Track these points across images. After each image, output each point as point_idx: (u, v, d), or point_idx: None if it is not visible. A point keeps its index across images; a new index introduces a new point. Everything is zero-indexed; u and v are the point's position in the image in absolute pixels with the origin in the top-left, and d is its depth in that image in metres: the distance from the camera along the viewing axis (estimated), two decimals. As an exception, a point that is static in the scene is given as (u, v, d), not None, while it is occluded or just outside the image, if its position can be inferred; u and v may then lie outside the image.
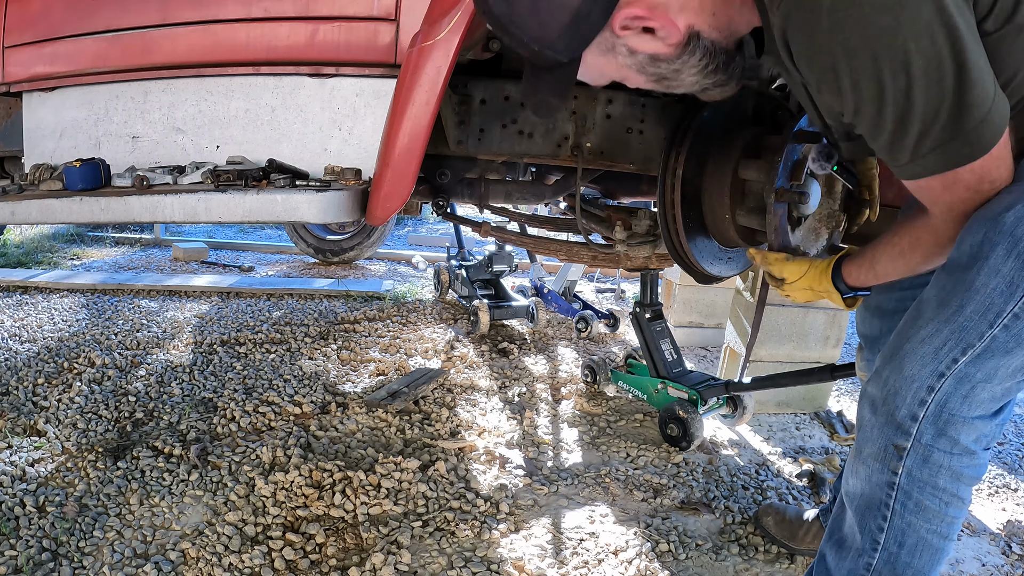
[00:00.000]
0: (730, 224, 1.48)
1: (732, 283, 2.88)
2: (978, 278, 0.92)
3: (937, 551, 1.05)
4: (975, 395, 0.96)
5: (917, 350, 0.98)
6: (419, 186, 2.16)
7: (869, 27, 0.80)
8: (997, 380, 0.96)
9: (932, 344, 0.97)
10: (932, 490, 1.01)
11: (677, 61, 0.98)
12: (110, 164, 1.63)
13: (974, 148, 0.87)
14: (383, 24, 1.48)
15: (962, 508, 1.03)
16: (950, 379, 0.96)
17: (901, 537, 1.04)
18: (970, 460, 1.00)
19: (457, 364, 2.91)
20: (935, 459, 0.99)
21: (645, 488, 1.95)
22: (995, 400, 0.98)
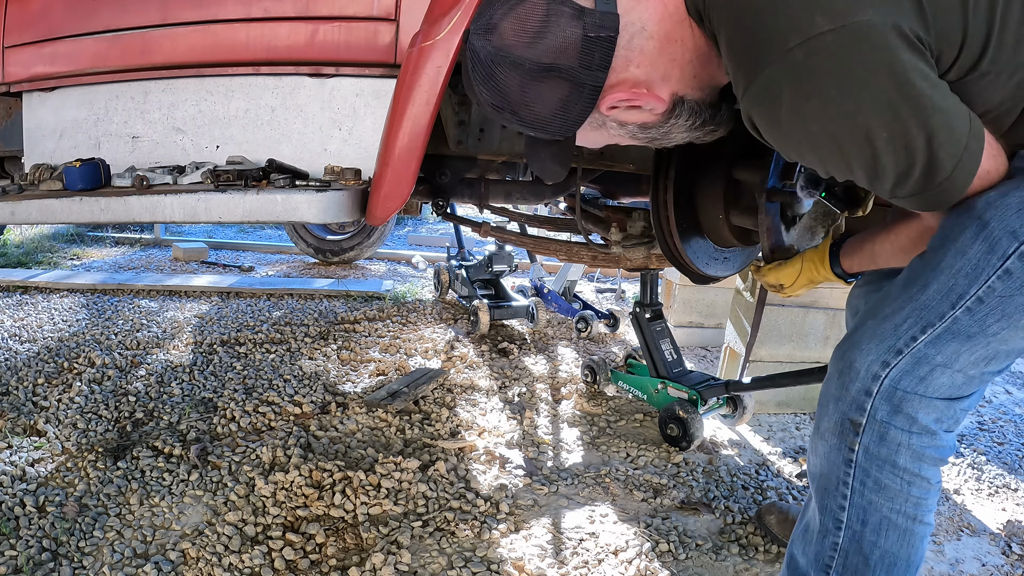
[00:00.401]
0: (724, 224, 1.48)
1: (732, 283, 2.88)
2: (944, 259, 0.92)
3: (906, 532, 1.01)
4: (933, 378, 0.95)
5: (878, 327, 0.98)
6: (419, 186, 2.16)
7: (827, 114, 0.83)
8: (958, 367, 0.94)
9: (892, 321, 0.96)
10: (891, 468, 0.99)
11: (666, 125, 1.02)
12: (110, 164, 1.63)
13: (950, 194, 0.89)
14: (383, 24, 1.48)
15: (928, 489, 1.01)
16: (907, 357, 0.95)
17: (863, 515, 1.02)
18: (931, 440, 0.98)
19: (457, 364, 2.91)
20: (892, 436, 0.98)
21: (645, 488, 1.95)
22: (955, 388, 0.96)
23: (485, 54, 0.95)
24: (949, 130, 0.84)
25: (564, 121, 0.97)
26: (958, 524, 1.88)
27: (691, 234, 1.58)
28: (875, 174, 0.88)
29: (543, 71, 0.92)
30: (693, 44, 0.96)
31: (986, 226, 0.88)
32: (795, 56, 0.82)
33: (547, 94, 0.94)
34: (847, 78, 0.81)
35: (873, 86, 0.81)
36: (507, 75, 0.94)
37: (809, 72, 0.82)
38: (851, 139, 0.85)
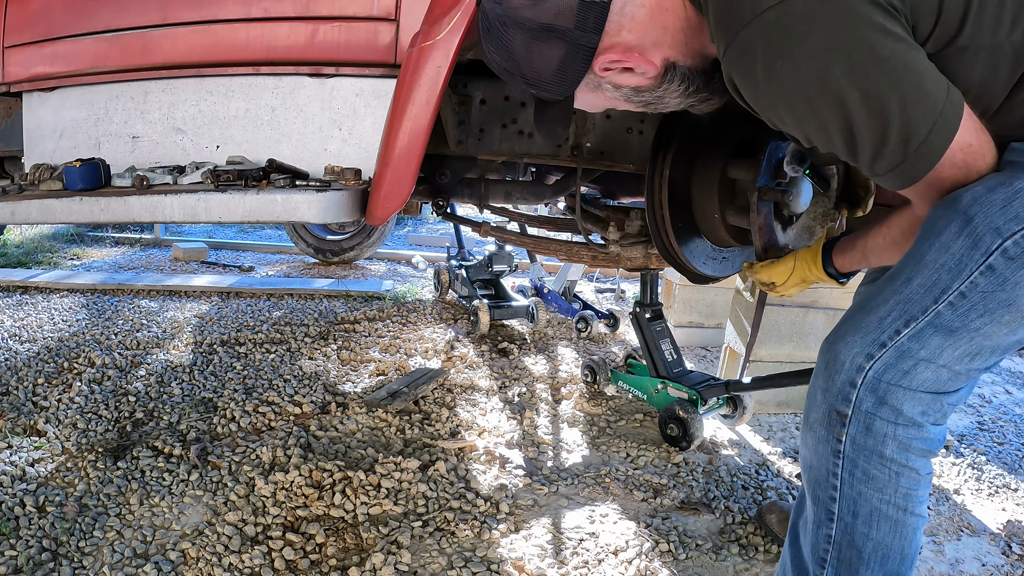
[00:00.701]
0: (720, 224, 1.48)
1: (732, 283, 2.89)
2: (929, 253, 0.92)
3: (898, 524, 1.02)
4: (917, 372, 0.95)
5: (863, 319, 0.99)
6: (419, 186, 2.16)
7: (800, 73, 0.85)
8: (942, 362, 0.94)
9: (877, 314, 0.97)
10: (879, 459, 0.99)
11: (659, 90, 1.06)
12: (110, 164, 1.63)
13: (928, 160, 0.88)
14: (383, 24, 1.48)
15: (918, 480, 1.01)
16: (891, 350, 0.95)
17: (854, 507, 1.02)
18: (917, 432, 0.98)
19: (457, 364, 2.91)
20: (878, 428, 0.98)
21: (645, 488, 1.95)
22: (940, 382, 0.96)
23: (494, 16, 1.01)
24: (923, 91, 0.85)
25: (563, 80, 1.03)
26: (958, 524, 1.88)
27: (688, 233, 1.58)
28: (852, 140, 0.88)
29: (543, 31, 0.98)
30: (684, 14, 1.00)
31: (970, 221, 0.88)
32: (768, 17, 0.85)
33: (547, 53, 1.00)
34: (817, 38, 0.83)
35: (844, 46, 0.83)
36: (512, 35, 1.00)
37: (782, 31, 0.85)
38: (824, 100, 0.86)
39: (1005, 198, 0.87)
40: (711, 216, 1.49)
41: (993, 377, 3.51)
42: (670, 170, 1.50)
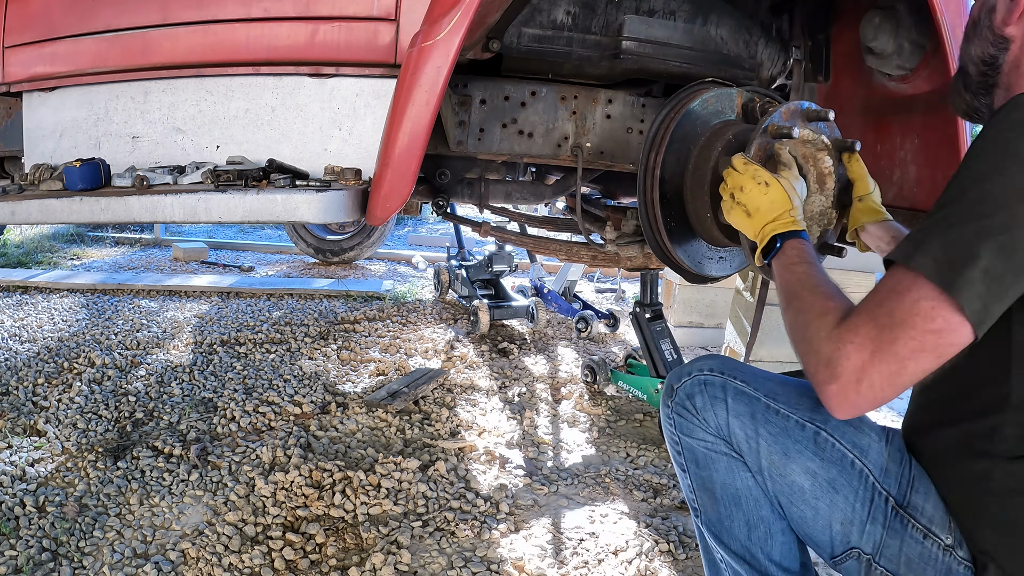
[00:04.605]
0: (712, 223, 1.47)
1: (732, 283, 2.89)
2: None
3: (731, 464, 1.08)
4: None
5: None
6: (419, 186, 2.16)
7: (1010, 175, 0.80)
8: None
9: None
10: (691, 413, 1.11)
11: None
12: (110, 164, 1.63)
13: (943, 275, 0.80)
14: (383, 24, 1.48)
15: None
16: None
17: (692, 455, 1.11)
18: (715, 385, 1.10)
19: (457, 364, 2.91)
20: (690, 388, 1.10)
21: (645, 488, 1.95)
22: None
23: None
24: (1014, 268, 0.80)
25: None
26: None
27: (682, 233, 1.58)
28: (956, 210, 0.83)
29: None
30: None
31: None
32: None
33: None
34: None
35: None
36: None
37: None
38: (994, 198, 0.80)
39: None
40: (704, 216, 1.49)
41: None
42: (661, 169, 1.50)
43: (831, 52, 1.80)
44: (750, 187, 1.20)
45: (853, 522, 0.96)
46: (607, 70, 1.73)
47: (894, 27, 1.53)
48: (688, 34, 1.66)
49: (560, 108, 1.74)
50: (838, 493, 0.97)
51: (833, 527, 0.98)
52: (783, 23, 1.82)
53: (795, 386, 1.05)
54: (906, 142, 1.65)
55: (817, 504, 0.99)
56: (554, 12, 1.58)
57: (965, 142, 1.53)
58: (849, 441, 0.97)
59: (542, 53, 1.61)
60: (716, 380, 1.07)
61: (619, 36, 1.60)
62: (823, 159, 1.36)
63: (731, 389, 1.05)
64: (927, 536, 0.93)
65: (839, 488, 0.97)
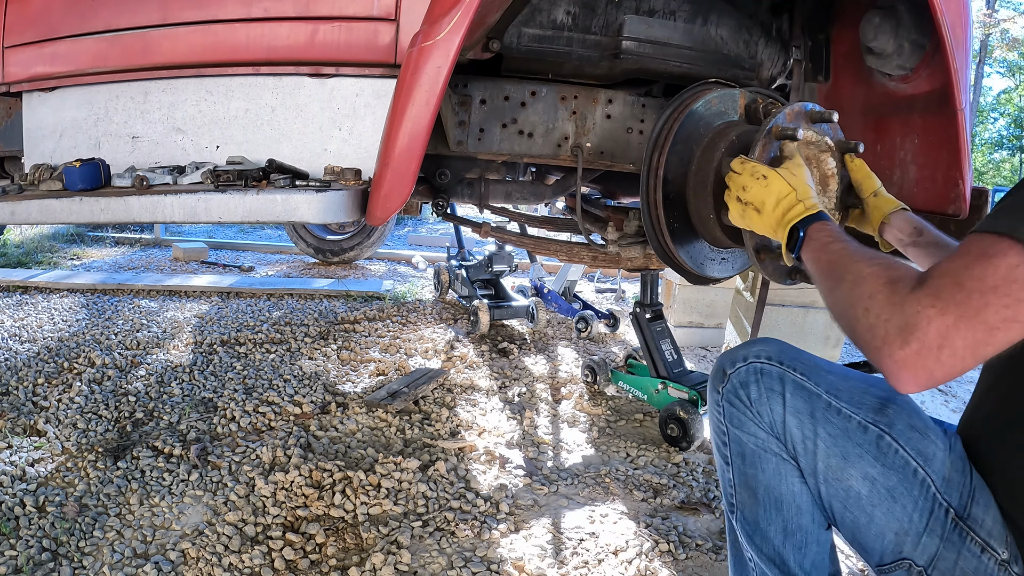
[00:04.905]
0: (715, 224, 1.47)
1: (732, 283, 2.89)
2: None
3: (779, 466, 1.05)
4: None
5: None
6: (419, 186, 2.16)
7: None
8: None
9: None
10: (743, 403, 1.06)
11: None
12: (110, 164, 1.63)
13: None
14: (383, 24, 1.48)
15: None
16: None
17: (740, 448, 1.06)
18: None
19: (457, 364, 2.91)
20: (744, 376, 1.05)
21: (645, 488, 1.95)
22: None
23: None
24: None
25: None
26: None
27: (685, 234, 1.58)
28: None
29: None
30: None
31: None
32: None
33: None
34: None
35: None
36: None
37: None
38: None
39: None
40: (706, 216, 1.49)
41: (993, 377, 3.50)
42: (664, 170, 1.50)
43: (831, 52, 1.80)
44: (750, 184, 1.19)
45: (909, 533, 0.92)
46: (607, 70, 1.73)
47: (894, 27, 1.52)
48: (688, 34, 1.66)
49: (560, 108, 1.74)
50: (896, 502, 0.93)
51: (886, 536, 0.94)
52: (783, 23, 1.82)
53: (858, 380, 0.99)
54: (906, 142, 1.65)
55: (873, 511, 0.94)
56: (554, 12, 1.58)
57: (965, 142, 1.53)
58: (914, 448, 0.93)
59: (542, 53, 1.61)
60: (774, 370, 1.01)
61: (619, 36, 1.60)
62: (826, 160, 1.36)
63: (790, 382, 0.99)
64: (984, 550, 0.90)
65: (898, 497, 0.93)
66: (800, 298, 2.71)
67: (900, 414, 0.95)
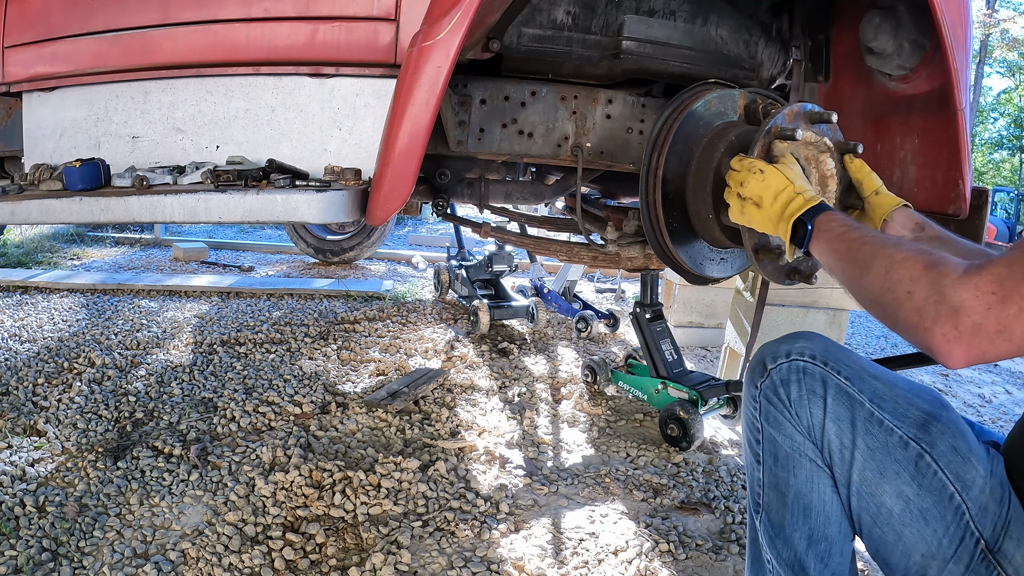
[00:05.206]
0: (714, 224, 1.47)
1: (732, 283, 2.88)
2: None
3: (812, 473, 1.01)
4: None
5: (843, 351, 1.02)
6: (419, 186, 2.16)
7: None
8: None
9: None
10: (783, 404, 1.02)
11: None
12: (110, 164, 1.63)
13: None
14: (383, 24, 1.48)
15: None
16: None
17: (773, 449, 1.03)
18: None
19: (457, 364, 2.91)
20: (785, 374, 1.01)
21: (645, 488, 1.95)
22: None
23: None
24: None
25: None
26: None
27: (684, 234, 1.58)
28: None
29: None
30: None
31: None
32: None
33: None
34: None
35: None
36: None
37: None
38: None
39: None
40: (706, 217, 1.49)
41: (993, 377, 3.51)
42: (664, 170, 1.50)
43: (831, 52, 1.80)
44: (748, 179, 1.20)
45: (936, 557, 0.90)
46: (607, 70, 1.73)
47: (894, 27, 1.52)
48: (688, 34, 1.66)
49: (560, 108, 1.74)
50: (928, 525, 0.90)
51: (912, 556, 0.92)
52: (783, 23, 1.82)
53: (904, 389, 0.95)
54: (906, 142, 1.65)
55: (903, 531, 0.92)
56: (554, 12, 1.58)
57: (965, 142, 1.53)
58: (953, 472, 0.90)
59: (542, 53, 1.61)
60: (817, 371, 0.97)
61: (619, 36, 1.60)
62: (826, 161, 1.36)
63: (832, 386, 0.96)
64: None
65: (930, 520, 0.90)
66: (800, 298, 2.71)
67: (944, 433, 0.92)
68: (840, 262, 0.99)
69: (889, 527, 0.93)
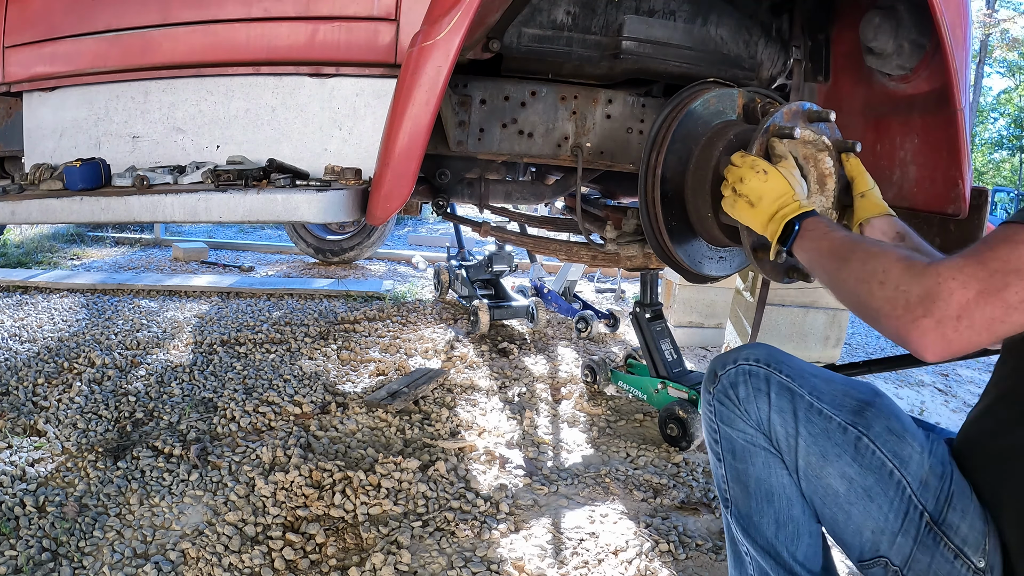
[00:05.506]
0: (713, 222, 1.48)
1: (732, 283, 2.89)
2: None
3: (768, 459, 1.08)
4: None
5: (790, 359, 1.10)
6: (419, 186, 2.16)
7: None
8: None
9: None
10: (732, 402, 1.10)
11: None
12: (110, 164, 1.63)
13: None
14: (383, 24, 1.48)
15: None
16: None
17: (730, 445, 1.10)
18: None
19: (457, 364, 2.91)
20: (733, 378, 1.08)
21: (645, 488, 1.95)
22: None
23: None
24: None
25: None
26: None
27: (683, 233, 1.58)
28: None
29: None
30: None
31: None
32: None
33: None
34: None
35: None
36: None
37: None
38: None
39: None
40: (704, 215, 1.49)
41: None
42: (663, 169, 1.51)
43: (831, 52, 1.80)
44: (749, 176, 1.22)
45: (884, 532, 0.96)
46: (607, 70, 1.73)
47: (894, 27, 1.53)
48: (688, 34, 1.66)
49: (560, 108, 1.74)
50: (872, 501, 0.96)
51: (864, 533, 0.97)
52: (783, 23, 1.82)
53: (840, 383, 1.03)
54: (906, 142, 1.65)
55: (850, 509, 0.98)
56: (554, 12, 1.59)
57: (965, 142, 1.53)
58: (890, 450, 0.96)
59: (542, 53, 1.61)
60: (761, 371, 1.05)
61: (619, 36, 1.61)
62: (824, 160, 1.36)
63: (775, 383, 1.04)
64: (958, 556, 0.92)
65: (874, 496, 0.96)
66: (800, 298, 2.71)
67: (879, 417, 0.98)
68: (821, 257, 1.05)
69: (838, 507, 0.99)
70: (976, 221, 1.59)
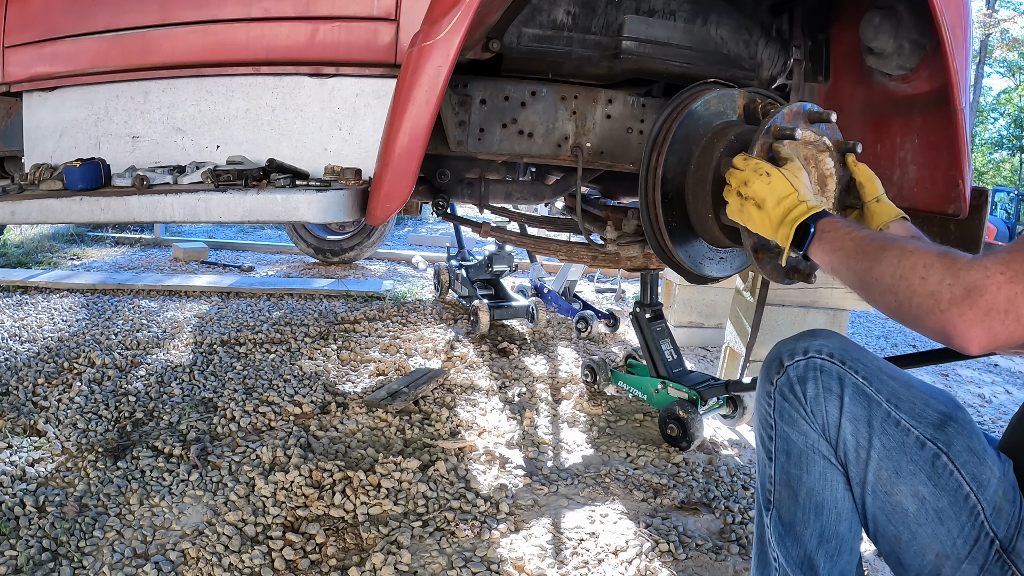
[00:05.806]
0: (714, 223, 1.48)
1: (732, 283, 2.88)
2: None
3: (825, 471, 1.01)
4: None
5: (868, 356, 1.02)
6: (419, 186, 2.16)
7: None
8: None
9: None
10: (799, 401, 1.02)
11: None
12: (110, 164, 1.63)
13: None
14: (383, 24, 1.48)
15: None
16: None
17: (786, 446, 1.03)
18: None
19: (457, 364, 2.91)
20: (802, 372, 1.01)
21: (645, 488, 1.95)
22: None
23: None
24: None
25: None
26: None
27: (683, 233, 1.58)
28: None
29: None
30: None
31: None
32: None
33: None
34: None
35: None
36: None
37: None
38: None
39: None
40: (705, 216, 1.49)
41: (993, 377, 3.52)
42: (663, 169, 1.50)
43: (831, 52, 1.80)
44: (752, 179, 1.20)
45: (950, 557, 0.91)
46: (607, 70, 1.73)
47: (894, 27, 1.52)
48: (688, 34, 1.66)
49: (560, 108, 1.74)
50: (943, 524, 0.91)
51: (926, 556, 0.93)
52: (783, 23, 1.82)
53: (920, 390, 0.96)
54: (906, 142, 1.65)
55: (917, 530, 0.93)
56: (554, 12, 1.58)
57: (965, 142, 1.53)
58: (969, 472, 0.91)
59: (542, 53, 1.61)
60: (834, 369, 0.97)
61: (619, 36, 1.60)
62: (825, 160, 1.36)
63: (850, 385, 0.96)
64: None
65: (945, 520, 0.91)
66: (800, 298, 2.71)
67: (960, 433, 0.92)
68: (847, 258, 0.99)
69: (904, 526, 0.93)
70: (976, 221, 1.59)
